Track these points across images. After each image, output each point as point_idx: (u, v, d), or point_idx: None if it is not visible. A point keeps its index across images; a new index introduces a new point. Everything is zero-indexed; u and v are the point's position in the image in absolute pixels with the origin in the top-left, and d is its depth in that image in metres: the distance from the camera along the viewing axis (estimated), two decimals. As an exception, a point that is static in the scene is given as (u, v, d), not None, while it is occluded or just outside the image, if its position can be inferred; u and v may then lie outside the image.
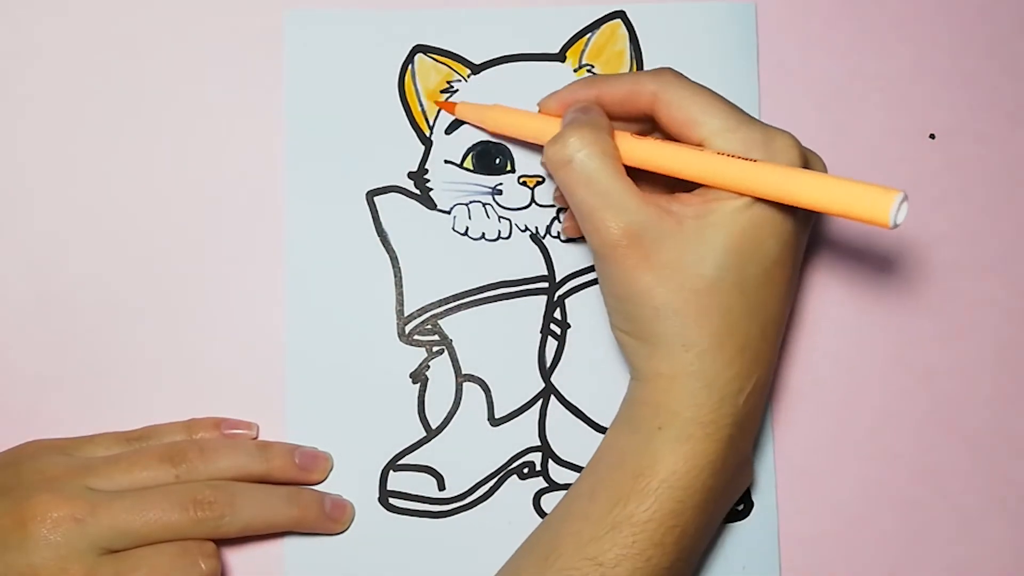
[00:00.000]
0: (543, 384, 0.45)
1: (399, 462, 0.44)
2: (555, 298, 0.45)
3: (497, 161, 0.46)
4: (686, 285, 0.37)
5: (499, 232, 0.45)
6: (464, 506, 0.45)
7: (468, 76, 0.46)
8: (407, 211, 0.45)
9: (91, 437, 0.43)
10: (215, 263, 0.45)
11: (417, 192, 0.45)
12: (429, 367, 0.45)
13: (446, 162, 0.46)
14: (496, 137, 0.45)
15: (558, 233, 0.45)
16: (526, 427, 0.45)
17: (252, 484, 0.42)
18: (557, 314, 0.45)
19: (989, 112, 0.47)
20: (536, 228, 0.45)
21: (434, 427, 0.45)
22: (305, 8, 0.46)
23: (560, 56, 0.46)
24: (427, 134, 0.46)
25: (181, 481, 0.41)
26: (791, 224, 0.38)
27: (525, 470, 0.45)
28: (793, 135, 0.38)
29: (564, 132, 0.38)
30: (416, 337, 0.45)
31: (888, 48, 0.47)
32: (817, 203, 0.35)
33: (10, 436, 0.43)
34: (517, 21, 0.46)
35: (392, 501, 0.44)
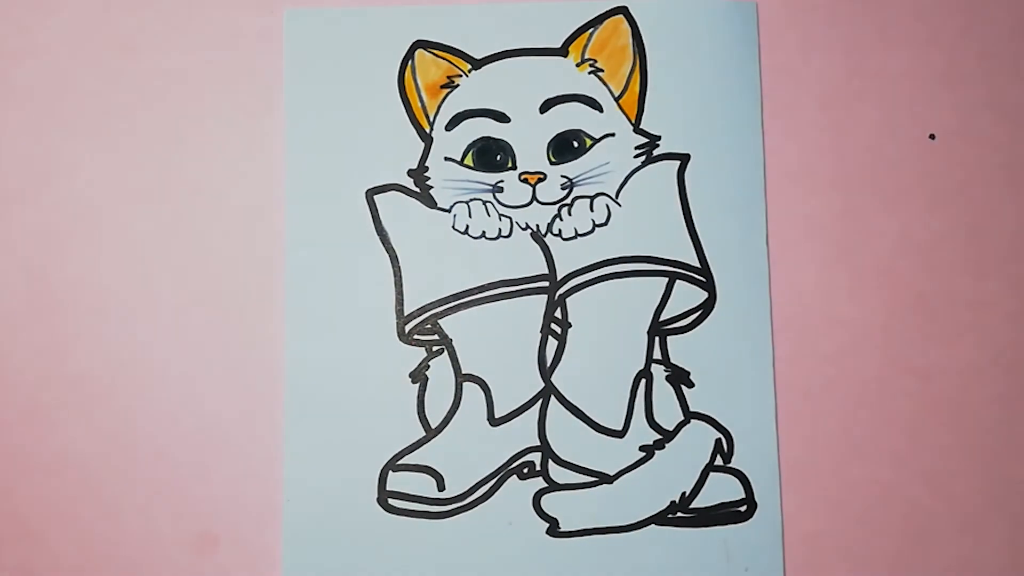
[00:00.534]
0: (543, 384, 0.45)
1: (399, 462, 0.44)
2: (556, 297, 0.45)
3: (498, 158, 0.45)
4: None
5: (500, 230, 0.45)
6: (464, 506, 0.44)
7: (469, 71, 0.46)
8: (407, 209, 0.45)
9: None
10: (215, 262, 0.45)
11: (417, 190, 0.45)
12: (429, 367, 0.45)
13: (446, 159, 0.45)
14: None
15: (559, 231, 0.45)
16: (526, 427, 0.45)
17: None
18: (558, 313, 0.45)
19: (989, 112, 0.47)
20: (537, 226, 0.45)
21: (434, 427, 0.45)
22: (305, 7, 0.46)
23: (562, 51, 0.46)
24: (427, 130, 0.46)
25: None
26: None
27: (525, 470, 0.45)
28: None
29: None
30: (416, 337, 0.45)
31: (888, 48, 0.47)
32: None
33: (10, 436, 0.43)
34: (518, 16, 0.46)
35: (392, 501, 0.44)
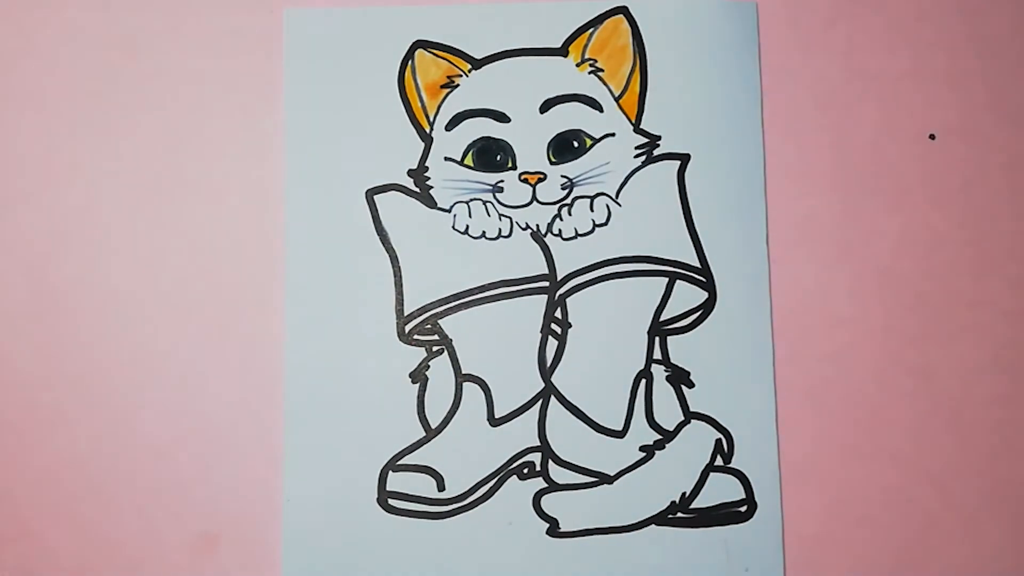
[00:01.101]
0: (543, 384, 0.45)
1: (399, 462, 0.44)
2: (556, 297, 0.45)
3: (498, 158, 0.45)
4: None
5: (500, 230, 0.45)
6: (464, 506, 0.44)
7: (469, 71, 0.46)
8: (407, 209, 0.45)
9: None
10: (215, 262, 0.45)
11: (417, 190, 0.45)
12: (429, 367, 0.45)
13: (446, 159, 0.45)
14: None
15: (559, 231, 0.45)
16: (526, 427, 0.45)
17: None
18: (558, 313, 0.45)
19: (989, 112, 0.47)
20: (537, 226, 0.45)
21: (434, 427, 0.45)
22: (305, 7, 0.46)
23: (562, 51, 0.46)
24: (427, 130, 0.45)
25: None
26: None
27: (525, 470, 0.45)
28: None
29: None
30: (416, 337, 0.45)
31: (888, 48, 0.47)
32: None
33: (10, 436, 0.43)
34: (518, 16, 0.46)
35: (392, 502, 0.44)
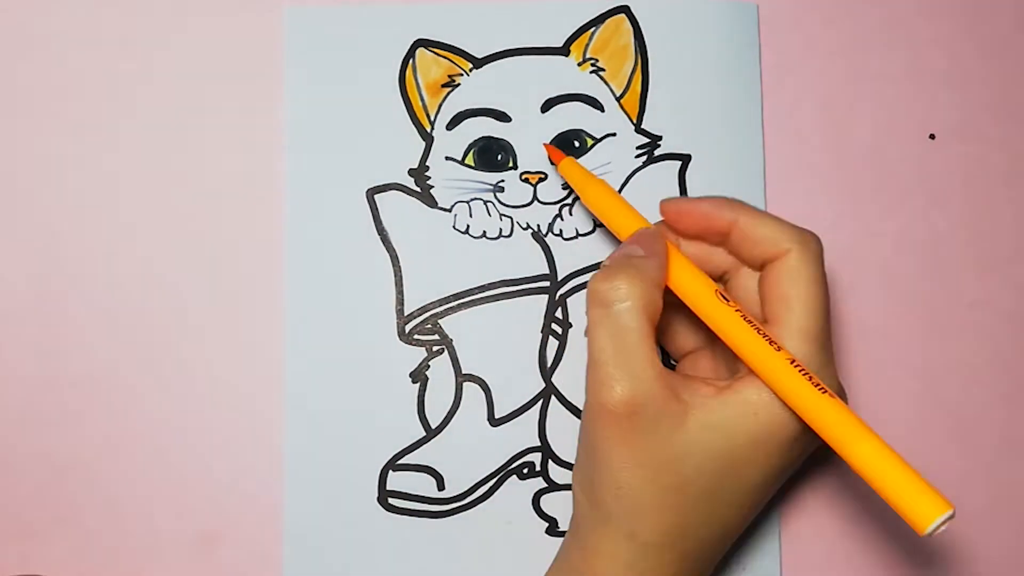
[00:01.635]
0: (543, 384, 0.45)
1: (399, 462, 0.44)
2: (556, 297, 0.45)
3: (499, 157, 0.45)
4: (659, 478, 0.35)
5: (500, 230, 0.45)
6: (464, 506, 0.44)
7: (470, 70, 0.46)
8: (407, 209, 0.45)
9: None
10: (215, 262, 0.45)
11: (418, 190, 0.45)
12: (429, 367, 0.45)
13: (447, 158, 0.45)
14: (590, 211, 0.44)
15: (560, 231, 0.45)
16: (526, 427, 0.45)
17: None
18: (559, 313, 0.45)
19: (989, 112, 0.47)
20: (538, 226, 0.45)
21: (434, 427, 0.45)
22: (305, 6, 0.46)
23: (564, 50, 0.46)
24: (428, 129, 0.45)
25: None
26: (794, 450, 0.35)
27: (525, 470, 0.45)
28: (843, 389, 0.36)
29: (617, 274, 0.36)
30: (416, 336, 0.45)
31: (888, 48, 0.47)
32: (865, 471, 0.32)
33: (10, 436, 0.43)
34: (520, 14, 0.46)
35: (392, 501, 0.44)
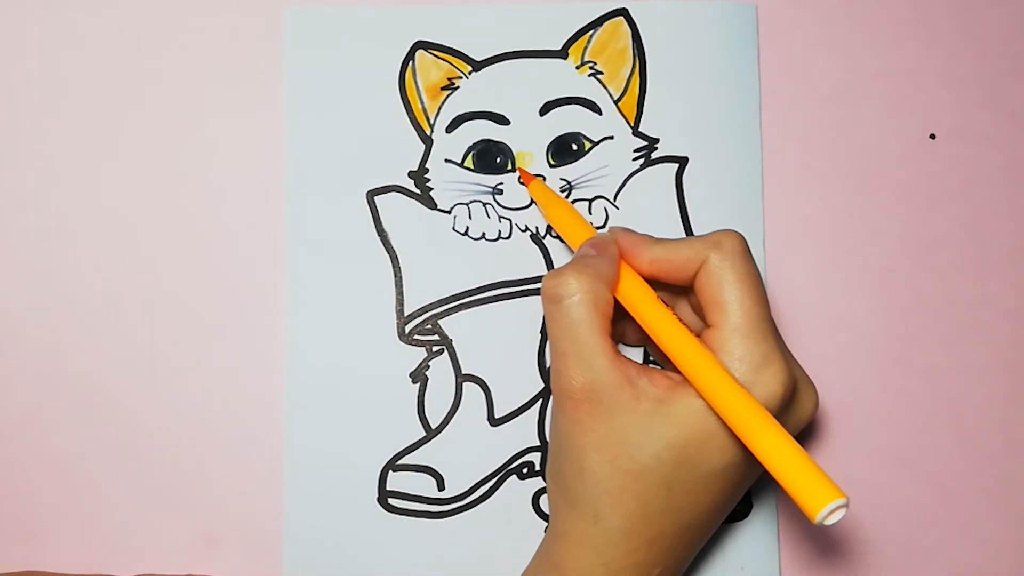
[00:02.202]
0: (543, 384, 0.45)
1: (399, 462, 0.44)
2: (555, 298, 0.45)
3: (498, 160, 0.45)
4: (618, 462, 0.36)
5: (499, 232, 0.45)
6: (463, 506, 0.44)
7: (469, 73, 0.46)
8: (407, 211, 0.45)
9: None
10: (215, 263, 0.45)
11: (417, 192, 0.45)
12: (429, 367, 0.45)
13: (446, 161, 0.45)
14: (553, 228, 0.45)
15: (558, 233, 0.45)
16: (526, 427, 0.45)
17: None
18: (557, 314, 0.45)
19: (989, 112, 0.47)
20: (536, 228, 0.45)
21: (434, 427, 0.45)
22: (305, 6, 0.46)
23: (562, 53, 0.46)
24: (428, 132, 0.46)
25: None
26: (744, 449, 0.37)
27: (524, 470, 0.45)
28: (792, 374, 0.37)
29: (566, 271, 0.38)
30: (416, 337, 0.45)
31: (888, 48, 0.47)
32: (765, 459, 0.34)
33: (10, 436, 0.43)
34: (518, 17, 0.46)
35: (392, 501, 0.44)
